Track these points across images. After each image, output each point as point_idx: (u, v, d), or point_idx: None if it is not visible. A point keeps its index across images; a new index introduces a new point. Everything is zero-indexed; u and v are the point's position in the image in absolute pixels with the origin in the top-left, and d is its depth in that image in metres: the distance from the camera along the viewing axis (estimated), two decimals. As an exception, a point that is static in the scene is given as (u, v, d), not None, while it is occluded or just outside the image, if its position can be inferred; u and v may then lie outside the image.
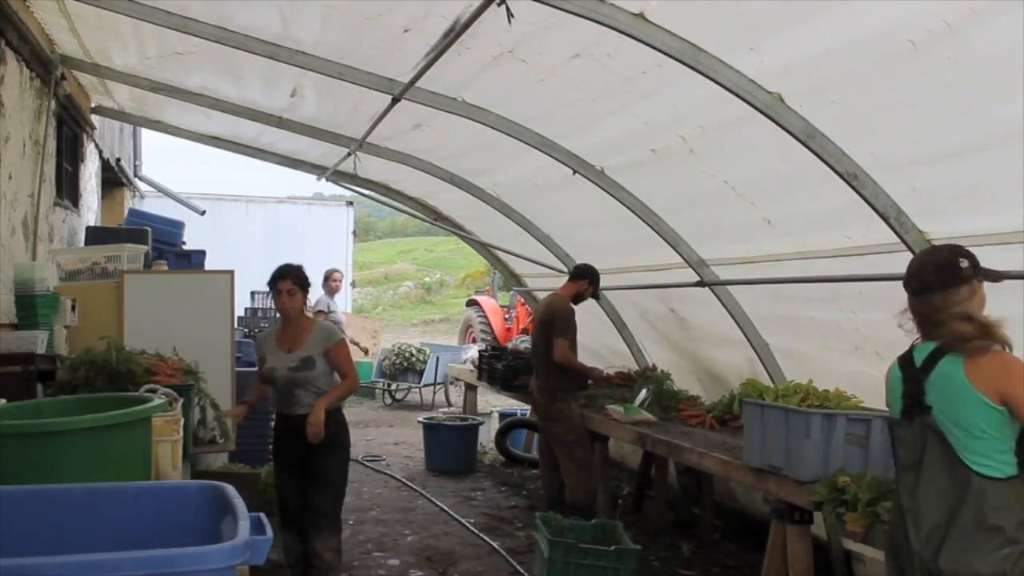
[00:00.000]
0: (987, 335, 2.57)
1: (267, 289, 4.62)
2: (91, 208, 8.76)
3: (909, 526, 2.69)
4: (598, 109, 4.61)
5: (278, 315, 4.63)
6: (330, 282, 9.15)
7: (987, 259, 3.45)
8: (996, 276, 2.78)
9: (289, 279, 4.48)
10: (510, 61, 4.12)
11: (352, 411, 13.05)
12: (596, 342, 7.32)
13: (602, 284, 6.37)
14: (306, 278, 4.59)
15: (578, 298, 6.30)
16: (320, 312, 8.45)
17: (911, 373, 2.74)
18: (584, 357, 6.47)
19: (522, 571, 5.32)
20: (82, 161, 8.07)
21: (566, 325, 6.12)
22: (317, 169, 8.50)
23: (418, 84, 4.80)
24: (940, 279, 2.67)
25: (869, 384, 4.04)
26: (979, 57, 2.91)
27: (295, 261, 4.62)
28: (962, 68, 2.98)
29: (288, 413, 4.55)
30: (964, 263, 2.68)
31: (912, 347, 2.79)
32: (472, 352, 10.54)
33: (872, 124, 3.57)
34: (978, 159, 3.30)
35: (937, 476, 2.62)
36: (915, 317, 2.76)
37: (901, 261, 3.73)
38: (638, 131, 4.68)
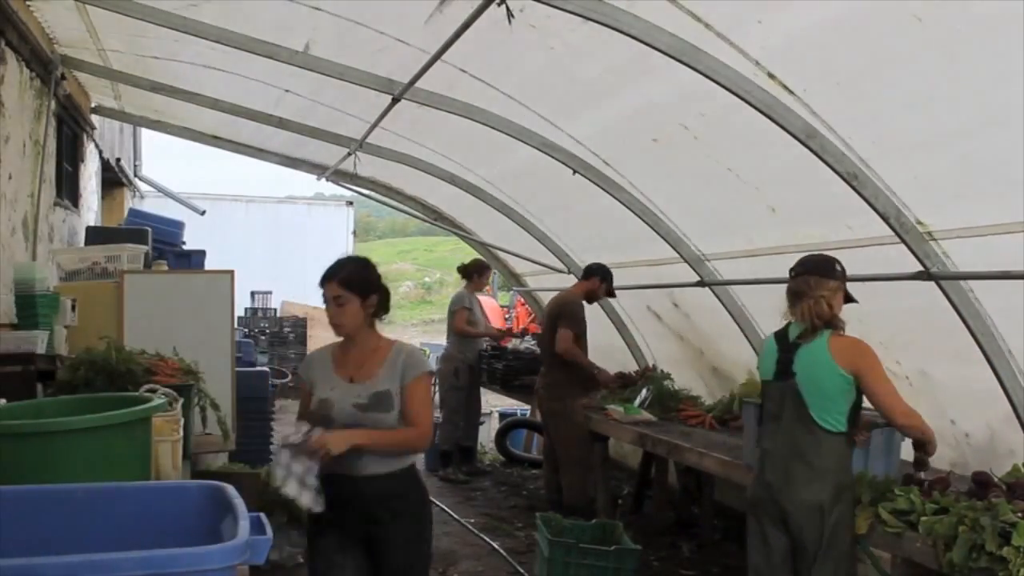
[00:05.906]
0: (834, 320, 3.32)
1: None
2: (91, 208, 8.75)
3: (766, 462, 3.42)
4: (606, 83, 4.53)
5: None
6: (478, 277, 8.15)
7: (990, 250, 3.45)
8: (851, 299, 3.46)
9: (335, 281, 3.03)
10: (520, 28, 4.03)
11: (352, 411, 13.04)
12: (598, 340, 7.30)
13: (604, 281, 6.35)
14: (367, 277, 3.08)
15: (591, 297, 6.24)
16: (464, 309, 7.99)
17: (785, 345, 3.44)
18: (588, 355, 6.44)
19: (522, 571, 5.32)
20: (82, 161, 8.06)
21: (573, 317, 6.07)
22: (317, 169, 8.51)
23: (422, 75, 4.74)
24: (818, 268, 3.39)
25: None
26: (982, 29, 2.88)
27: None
28: (967, 41, 2.96)
29: (345, 473, 2.97)
30: (838, 267, 3.39)
31: (788, 325, 3.46)
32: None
33: (875, 108, 3.55)
34: (982, 140, 3.28)
35: (791, 426, 3.35)
36: (790, 296, 3.42)
37: (902, 254, 3.75)
38: (644, 112, 4.62)
